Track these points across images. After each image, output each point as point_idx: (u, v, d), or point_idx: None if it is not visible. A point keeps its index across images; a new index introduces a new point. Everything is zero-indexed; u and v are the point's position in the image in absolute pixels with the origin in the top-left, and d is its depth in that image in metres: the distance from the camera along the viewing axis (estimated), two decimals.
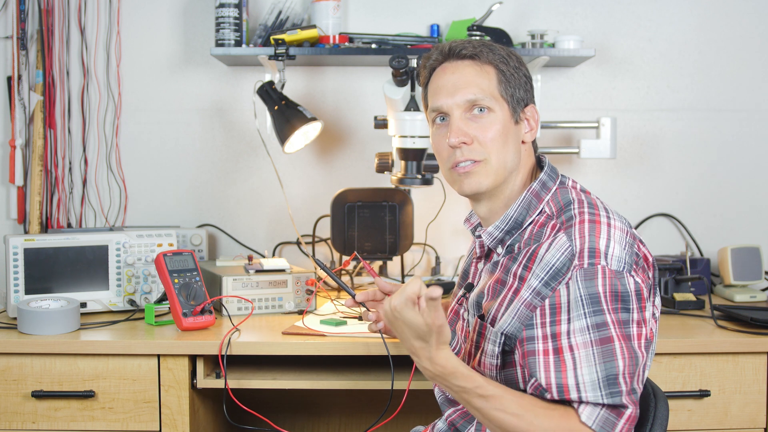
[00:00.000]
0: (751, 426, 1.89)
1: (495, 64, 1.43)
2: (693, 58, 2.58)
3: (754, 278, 2.36)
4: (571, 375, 1.22)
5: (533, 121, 1.47)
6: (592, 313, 1.24)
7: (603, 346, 1.23)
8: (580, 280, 1.25)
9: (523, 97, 1.45)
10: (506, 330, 1.33)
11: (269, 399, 2.39)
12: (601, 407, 1.21)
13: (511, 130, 1.43)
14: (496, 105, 1.41)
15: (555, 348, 1.25)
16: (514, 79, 1.43)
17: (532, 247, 1.34)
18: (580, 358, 1.23)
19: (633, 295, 1.26)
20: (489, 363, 1.36)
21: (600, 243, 1.28)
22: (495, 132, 1.41)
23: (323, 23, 2.42)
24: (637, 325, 1.26)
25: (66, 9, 2.52)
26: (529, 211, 1.41)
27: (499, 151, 1.41)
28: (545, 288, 1.28)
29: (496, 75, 1.42)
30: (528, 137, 1.46)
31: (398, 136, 2.18)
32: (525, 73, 1.46)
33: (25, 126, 2.50)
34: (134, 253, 2.15)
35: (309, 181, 2.60)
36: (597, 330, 1.23)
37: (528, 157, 1.47)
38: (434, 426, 1.52)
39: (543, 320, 1.28)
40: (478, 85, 1.41)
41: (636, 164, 2.59)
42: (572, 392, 1.22)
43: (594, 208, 1.34)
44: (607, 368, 1.21)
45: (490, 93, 1.41)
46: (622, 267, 1.27)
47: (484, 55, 1.42)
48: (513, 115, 1.43)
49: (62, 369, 1.86)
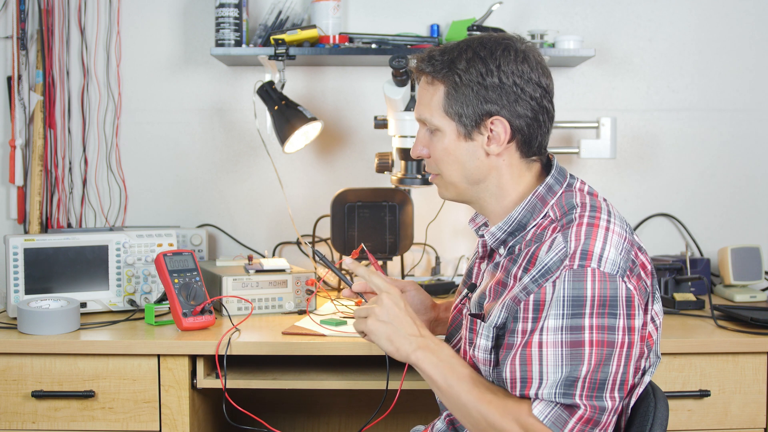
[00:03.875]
0: (751, 426, 1.89)
1: (448, 79, 1.39)
2: (693, 58, 2.58)
3: (754, 278, 2.36)
4: (536, 370, 1.24)
5: (501, 132, 1.39)
6: (571, 315, 1.24)
7: (572, 349, 1.23)
8: (567, 281, 1.25)
9: (476, 111, 1.38)
10: (497, 323, 1.34)
11: (269, 399, 2.40)
12: (555, 404, 1.23)
13: (459, 147, 1.41)
14: (443, 123, 1.40)
15: (526, 342, 1.27)
16: (466, 96, 1.38)
17: (532, 248, 1.34)
18: (547, 356, 1.24)
19: (622, 300, 1.26)
20: (483, 358, 1.37)
21: (595, 246, 1.27)
22: (440, 151, 1.42)
23: (323, 23, 2.42)
24: (623, 331, 1.25)
25: (66, 9, 2.52)
26: (534, 214, 1.40)
27: (448, 168, 1.43)
28: (532, 284, 1.29)
29: (445, 92, 1.39)
30: (493, 149, 1.40)
31: (398, 136, 2.18)
32: (495, 82, 1.37)
33: (25, 126, 2.50)
34: (134, 253, 2.15)
35: (309, 181, 2.60)
36: (570, 332, 1.24)
37: (513, 165, 1.42)
38: (433, 426, 1.53)
39: (525, 315, 1.28)
40: (427, 105, 1.42)
41: (636, 164, 2.59)
42: (533, 387, 1.24)
43: (596, 211, 1.34)
44: (570, 371, 1.23)
45: (437, 112, 1.41)
46: (616, 271, 1.26)
47: (439, 71, 1.39)
48: (461, 131, 1.40)
49: (62, 369, 1.86)
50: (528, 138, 1.40)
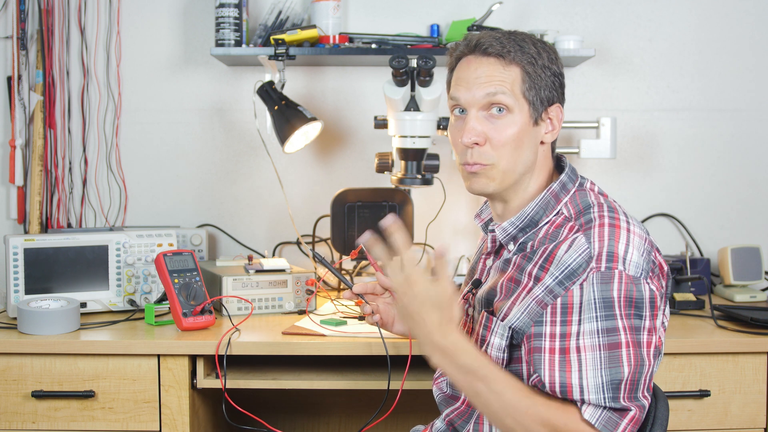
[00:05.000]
0: (751, 426, 1.89)
1: (522, 64, 1.38)
2: (693, 58, 2.57)
3: (754, 278, 2.36)
4: (576, 376, 1.23)
5: (556, 121, 1.43)
6: (604, 317, 1.24)
7: (611, 351, 1.23)
8: (595, 283, 1.25)
9: (547, 96, 1.41)
10: (515, 324, 1.33)
11: (269, 399, 2.40)
12: (604, 408, 1.22)
13: (528, 132, 1.40)
14: (516, 105, 1.38)
15: (562, 347, 1.25)
16: (541, 79, 1.39)
17: (549, 247, 1.34)
18: (586, 361, 1.23)
19: (647, 302, 1.27)
20: (495, 357, 1.36)
21: (619, 248, 1.27)
22: (509, 135, 1.38)
23: (323, 23, 2.42)
24: (648, 332, 1.26)
25: (66, 9, 2.52)
26: (547, 211, 1.40)
27: (511, 155, 1.39)
28: (558, 287, 1.28)
29: (521, 75, 1.38)
30: (548, 138, 1.43)
31: (398, 136, 2.18)
32: (555, 71, 1.41)
33: (25, 126, 2.50)
34: (134, 253, 2.15)
35: (309, 181, 2.60)
36: (607, 334, 1.24)
37: (545, 158, 1.45)
38: (433, 425, 1.52)
39: (553, 318, 1.28)
40: (501, 82, 1.38)
41: (636, 164, 2.59)
42: (575, 393, 1.23)
43: (614, 212, 1.34)
44: (612, 373, 1.22)
45: (511, 91, 1.38)
46: (640, 273, 1.27)
47: (511, 55, 1.38)
48: (533, 116, 1.40)
49: (62, 369, 1.86)
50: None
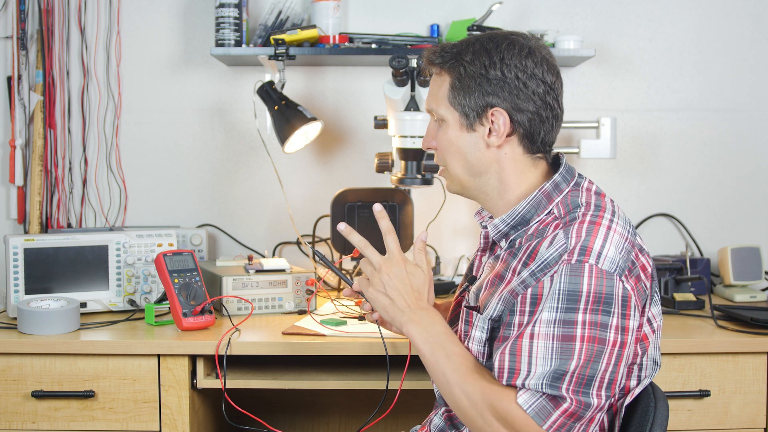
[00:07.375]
0: (751, 426, 1.89)
1: (454, 70, 1.42)
2: (693, 58, 2.57)
3: (754, 278, 2.36)
4: (525, 362, 1.24)
5: (498, 125, 1.40)
6: (564, 309, 1.25)
7: (563, 343, 1.24)
8: (564, 275, 1.26)
9: (480, 103, 1.40)
10: (493, 315, 1.34)
11: (269, 399, 2.40)
12: (541, 395, 1.23)
13: (462, 138, 1.43)
14: (447, 114, 1.43)
15: (518, 334, 1.27)
16: (470, 87, 1.39)
17: (533, 243, 1.35)
18: (537, 349, 1.24)
19: (618, 299, 1.26)
20: (476, 351, 1.38)
21: (595, 243, 1.28)
22: (445, 142, 1.45)
23: (323, 23, 2.42)
24: (616, 330, 1.25)
25: (66, 9, 2.52)
26: (538, 210, 1.40)
27: (455, 161, 1.45)
28: (531, 278, 1.29)
29: (450, 82, 1.42)
30: (494, 141, 1.41)
31: (398, 136, 2.19)
32: (496, 75, 1.38)
33: (25, 126, 2.50)
34: (134, 253, 2.15)
35: (309, 181, 2.60)
36: (563, 326, 1.24)
37: (516, 160, 1.43)
38: (430, 422, 1.52)
39: (522, 308, 1.29)
40: (434, 96, 1.46)
41: (636, 164, 2.59)
42: (519, 379, 1.24)
43: (600, 211, 1.34)
44: (559, 364, 1.23)
45: (443, 103, 1.44)
46: (614, 269, 1.27)
47: (446, 62, 1.43)
48: (464, 123, 1.42)
49: (62, 369, 1.86)
50: (530, 133, 1.42)
